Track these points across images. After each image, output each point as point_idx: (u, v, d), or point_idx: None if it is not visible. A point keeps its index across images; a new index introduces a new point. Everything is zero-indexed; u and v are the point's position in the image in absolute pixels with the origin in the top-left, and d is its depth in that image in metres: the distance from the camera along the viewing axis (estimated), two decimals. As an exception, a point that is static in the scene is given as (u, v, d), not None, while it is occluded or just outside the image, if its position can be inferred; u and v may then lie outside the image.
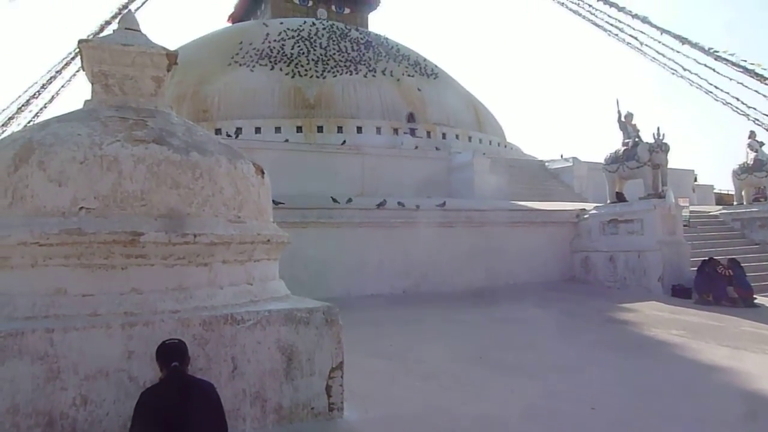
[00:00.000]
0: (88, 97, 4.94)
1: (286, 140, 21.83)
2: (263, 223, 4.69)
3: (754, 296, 12.75)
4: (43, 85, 23.62)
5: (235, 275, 4.32)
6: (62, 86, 27.18)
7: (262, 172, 4.83)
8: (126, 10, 7.23)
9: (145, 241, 3.75)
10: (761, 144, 19.18)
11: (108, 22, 27.44)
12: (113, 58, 4.85)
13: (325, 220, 13.50)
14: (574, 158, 24.40)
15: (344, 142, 22.28)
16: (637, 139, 15.84)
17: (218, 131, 23.13)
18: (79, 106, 4.94)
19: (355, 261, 13.36)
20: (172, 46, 5.21)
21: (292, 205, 12.80)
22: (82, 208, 3.81)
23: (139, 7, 27.72)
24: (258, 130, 23.44)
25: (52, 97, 26.42)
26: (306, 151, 19.91)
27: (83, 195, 3.83)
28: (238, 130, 22.88)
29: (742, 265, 13.38)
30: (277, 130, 23.56)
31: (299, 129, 23.75)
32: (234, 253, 4.28)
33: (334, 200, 14.29)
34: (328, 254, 12.67)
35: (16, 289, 3.74)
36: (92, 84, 4.90)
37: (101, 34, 28.08)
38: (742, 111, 22.12)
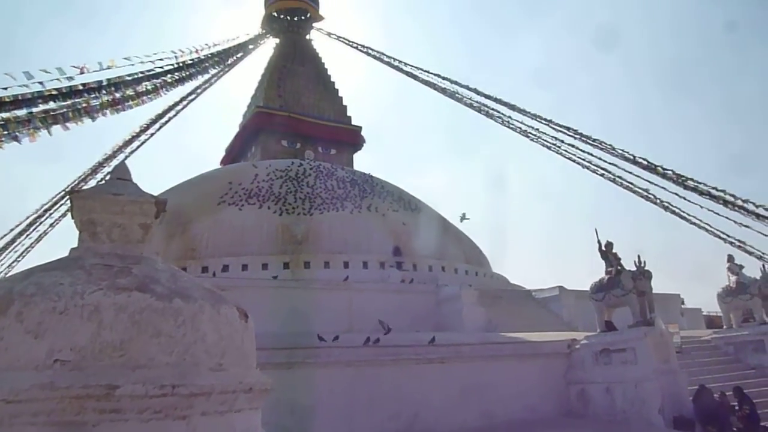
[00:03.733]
0: (74, 237, 4.98)
1: (274, 277, 21.86)
2: (246, 370, 4.54)
3: (763, 424, 12.27)
4: (30, 223, 24.10)
5: (215, 428, 4.09)
6: (51, 225, 27.54)
7: (246, 316, 4.77)
8: (120, 162, 7.51)
9: (120, 394, 3.58)
10: (741, 267, 19.60)
11: (98, 167, 28.53)
12: (103, 207, 4.97)
13: (311, 360, 13.11)
14: (561, 287, 24.53)
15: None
16: (619, 268, 16.09)
17: (205, 269, 23.19)
18: (65, 247, 4.98)
19: (343, 403, 12.77)
20: (167, 186, 5.37)
21: (279, 344, 12.50)
22: (56, 360, 3.68)
23: (128, 155, 29.13)
24: (245, 267, 23.53)
25: (40, 236, 26.64)
26: (293, 288, 19.89)
27: (59, 347, 3.72)
28: (225, 268, 22.94)
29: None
30: (264, 266, 23.66)
31: (286, 265, 23.87)
32: (214, 404, 4.09)
33: (321, 338, 13.99)
34: (315, 397, 12.15)
35: (-23, 452, 3.50)
36: (80, 232, 4.97)
37: (90, 179, 29.27)
38: (716, 234, 22.92)
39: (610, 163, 25.56)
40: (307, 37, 47.48)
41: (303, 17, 46.85)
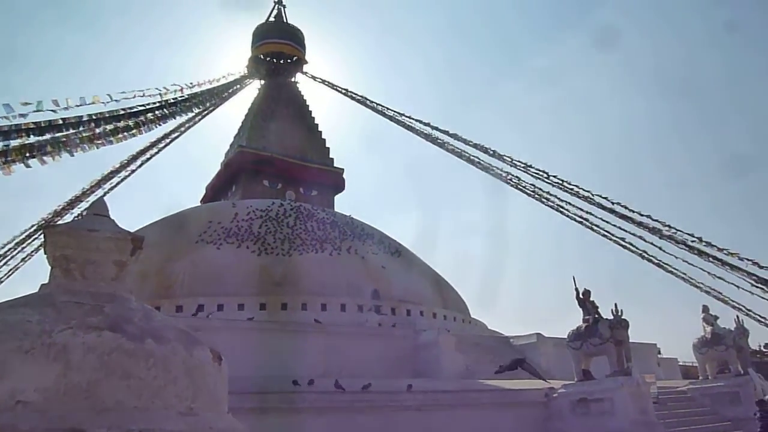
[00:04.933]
0: (45, 272, 4.86)
1: (250, 318, 21.48)
2: (218, 415, 4.41)
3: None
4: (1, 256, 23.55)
5: (182, 475, 3.93)
6: (22, 260, 26.92)
7: (220, 359, 4.66)
8: (98, 198, 7.43)
9: (84, 438, 3.44)
10: (716, 318, 19.80)
11: (75, 202, 28.16)
12: (78, 243, 4.87)
13: (285, 406, 12.76)
14: (539, 334, 24.48)
15: (316, 320, 21.98)
16: (596, 316, 16.15)
17: (179, 308, 22.73)
18: (35, 283, 4.85)
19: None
20: (145, 223, 5.29)
21: (252, 388, 12.18)
22: (19, 402, 3.54)
23: (107, 192, 28.88)
24: (221, 307, 23.10)
25: (10, 271, 26.00)
26: (268, 330, 19.54)
27: (23, 387, 3.58)
28: (200, 308, 22.52)
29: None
30: (241, 307, 23.26)
31: (263, 306, 23.50)
32: (183, 450, 3.94)
33: (296, 383, 13.67)
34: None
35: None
36: (52, 267, 4.86)
37: (66, 213, 28.81)
38: (694, 284, 23.22)
39: (587, 212, 25.99)
40: (292, 79, 48.17)
41: (289, 60, 47.63)
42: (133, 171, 34.09)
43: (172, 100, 31.40)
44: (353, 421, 13.23)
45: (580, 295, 16.80)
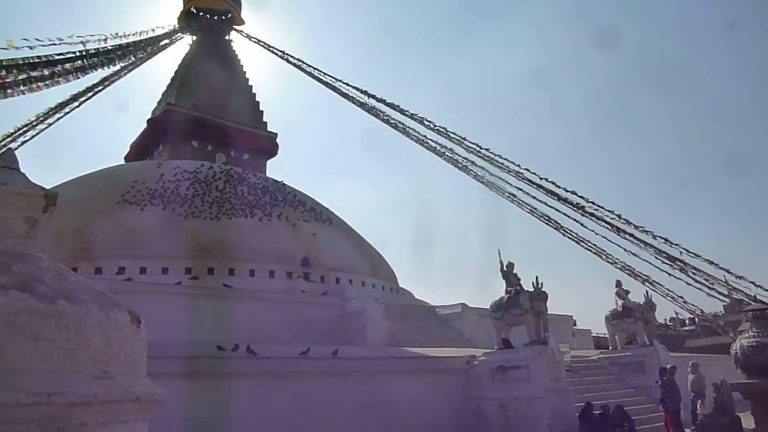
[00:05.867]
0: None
1: (178, 282, 20.88)
2: (135, 379, 4.27)
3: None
4: None
5: (94, 441, 3.80)
6: None
7: (139, 322, 4.50)
8: (6, 148, 6.94)
9: (-14, 403, 3.24)
10: (627, 292, 21.04)
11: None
12: (-17, 197, 4.53)
13: (208, 371, 12.59)
14: (463, 304, 25.23)
15: (226, 285, 21.48)
16: (518, 288, 16.79)
17: (99, 270, 21.83)
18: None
19: (239, 416, 12.35)
20: (62, 179, 4.99)
21: (175, 352, 11.93)
22: None
23: (21, 145, 26.99)
24: (143, 270, 22.32)
25: None
26: (194, 295, 19.11)
27: None
28: (121, 270, 21.70)
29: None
30: (165, 270, 22.58)
31: (188, 271, 22.90)
32: (95, 414, 3.79)
33: (220, 348, 13.51)
34: (210, 409, 11.64)
35: None
36: (-46, 223, 4.51)
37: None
38: (609, 260, 24.50)
39: (516, 188, 26.72)
40: (227, 38, 46.34)
41: (224, 17, 45.70)
42: (50, 125, 32.03)
43: (93, 51, 29.49)
44: (278, 386, 13.25)
45: (504, 268, 17.38)
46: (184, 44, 44.85)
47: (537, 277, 16.41)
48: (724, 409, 14.85)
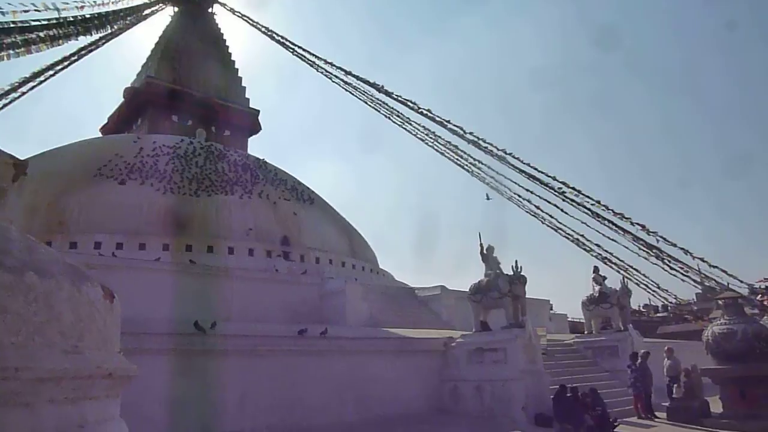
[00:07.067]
0: None
1: (158, 259, 20.59)
2: (106, 354, 4.15)
3: (615, 422, 13.38)
4: None
5: (63, 417, 3.67)
6: None
7: (112, 297, 4.37)
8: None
9: (-50, 377, 3.11)
10: (604, 278, 21.32)
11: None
12: (-51, 164, 4.33)
13: (184, 348, 12.45)
14: (442, 287, 25.35)
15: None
16: (498, 271, 16.87)
17: (74, 245, 21.44)
18: None
19: (216, 393, 12.27)
20: (36, 150, 4.79)
21: (151, 329, 11.78)
22: None
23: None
24: (120, 245, 21.97)
25: None
26: (172, 272, 18.87)
27: None
28: (97, 245, 21.34)
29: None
30: (142, 246, 22.27)
31: (166, 247, 22.60)
32: (65, 390, 3.67)
33: (197, 326, 13.36)
34: (186, 387, 11.53)
35: None
36: None
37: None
38: (587, 247, 24.73)
39: (497, 172, 26.75)
40: (210, 11, 45.35)
41: (207, -11, 44.69)
42: (23, 93, 31.13)
43: (71, 18, 28.61)
44: (256, 364, 13.19)
45: (484, 251, 17.44)
46: (166, 15, 43.83)
47: (516, 261, 16.53)
48: (693, 393, 15.24)
